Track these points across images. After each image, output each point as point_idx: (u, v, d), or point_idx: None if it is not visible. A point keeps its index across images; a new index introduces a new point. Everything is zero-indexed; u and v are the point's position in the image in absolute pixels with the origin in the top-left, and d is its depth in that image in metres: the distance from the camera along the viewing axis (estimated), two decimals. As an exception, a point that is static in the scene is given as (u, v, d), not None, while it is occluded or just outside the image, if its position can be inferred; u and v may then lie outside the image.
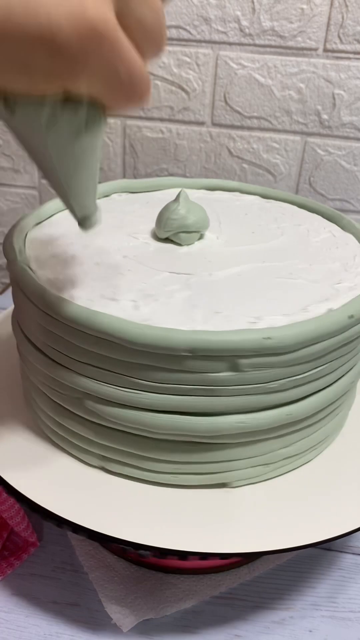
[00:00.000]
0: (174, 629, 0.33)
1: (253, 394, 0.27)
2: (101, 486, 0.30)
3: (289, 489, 0.31)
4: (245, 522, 0.28)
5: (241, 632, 0.33)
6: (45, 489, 0.29)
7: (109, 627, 0.32)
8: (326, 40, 0.57)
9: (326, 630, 0.33)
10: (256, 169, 0.65)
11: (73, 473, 0.31)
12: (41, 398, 0.32)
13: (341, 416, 0.35)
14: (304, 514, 0.29)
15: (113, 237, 0.36)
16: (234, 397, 0.27)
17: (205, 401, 0.27)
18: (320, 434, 0.32)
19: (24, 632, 0.32)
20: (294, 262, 0.34)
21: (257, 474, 0.31)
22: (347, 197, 0.64)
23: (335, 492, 0.31)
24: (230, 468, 0.30)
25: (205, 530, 0.28)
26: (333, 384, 0.30)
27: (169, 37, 0.60)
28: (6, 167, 0.71)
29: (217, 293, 0.30)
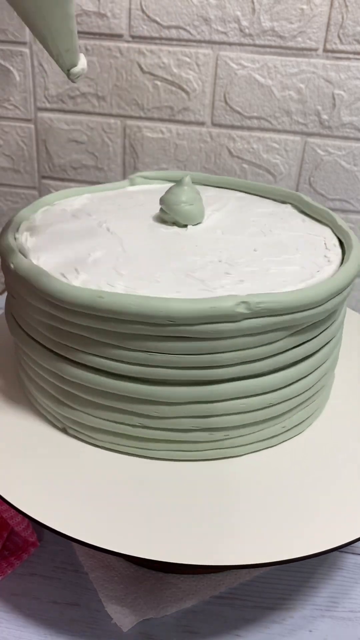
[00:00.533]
0: (174, 629, 0.33)
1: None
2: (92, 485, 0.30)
3: (289, 488, 0.31)
4: (244, 532, 0.28)
5: (241, 632, 0.33)
6: (30, 492, 0.30)
7: (109, 627, 0.32)
8: (326, 40, 0.57)
9: (326, 630, 0.33)
10: (256, 169, 0.65)
11: (64, 471, 0.31)
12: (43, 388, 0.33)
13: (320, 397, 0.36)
14: (305, 521, 0.29)
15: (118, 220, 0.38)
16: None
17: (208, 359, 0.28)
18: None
19: (24, 632, 0.32)
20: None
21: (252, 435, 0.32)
22: (347, 197, 0.64)
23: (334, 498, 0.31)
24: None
25: (201, 542, 0.27)
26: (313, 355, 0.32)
27: (169, 37, 0.60)
28: (6, 167, 0.71)
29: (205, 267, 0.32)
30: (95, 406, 0.31)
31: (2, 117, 0.68)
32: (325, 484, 0.31)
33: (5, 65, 0.65)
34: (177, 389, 0.29)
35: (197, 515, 0.28)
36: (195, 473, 0.31)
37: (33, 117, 0.68)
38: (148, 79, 0.63)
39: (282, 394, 0.31)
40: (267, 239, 0.36)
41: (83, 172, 0.70)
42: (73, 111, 0.66)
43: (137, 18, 0.60)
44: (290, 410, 0.32)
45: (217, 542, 0.27)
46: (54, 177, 0.71)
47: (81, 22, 0.61)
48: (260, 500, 0.30)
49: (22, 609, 0.34)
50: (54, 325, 0.30)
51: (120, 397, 0.30)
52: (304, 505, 0.29)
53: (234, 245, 0.35)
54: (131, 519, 0.28)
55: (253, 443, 0.32)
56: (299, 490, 0.30)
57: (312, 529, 0.28)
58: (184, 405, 0.30)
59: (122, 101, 0.64)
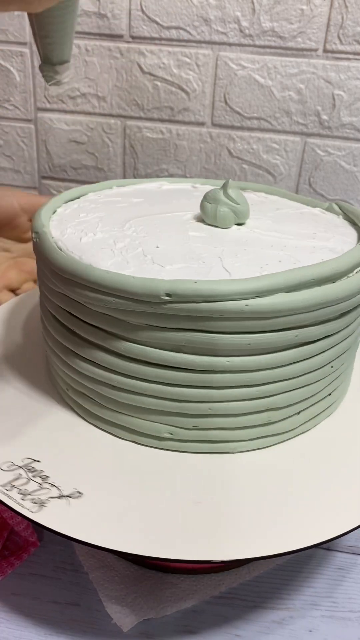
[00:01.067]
0: (174, 628, 0.33)
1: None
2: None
3: (287, 484, 0.31)
4: (241, 526, 0.28)
5: (241, 632, 0.33)
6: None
7: (109, 627, 0.32)
8: (326, 41, 0.57)
9: (326, 630, 0.33)
10: (256, 169, 0.65)
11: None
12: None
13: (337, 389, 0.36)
14: (302, 513, 0.29)
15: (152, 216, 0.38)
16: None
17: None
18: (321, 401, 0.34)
19: (24, 632, 0.32)
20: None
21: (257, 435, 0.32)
22: (347, 197, 0.64)
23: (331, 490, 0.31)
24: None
25: (200, 539, 0.27)
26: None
27: (169, 37, 0.60)
28: (6, 167, 0.71)
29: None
30: (96, 394, 0.32)
31: (2, 117, 0.68)
32: (324, 482, 0.31)
33: (5, 65, 0.66)
34: (179, 374, 0.30)
35: (196, 512, 0.29)
36: (195, 470, 0.31)
37: (33, 117, 0.68)
38: (148, 79, 0.63)
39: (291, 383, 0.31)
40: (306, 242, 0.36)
41: (83, 172, 0.70)
42: (73, 111, 0.66)
43: (137, 18, 0.60)
44: (295, 404, 0.33)
45: (217, 538, 0.27)
46: (54, 177, 0.71)
47: (81, 22, 0.61)
48: (259, 494, 0.30)
49: (22, 609, 0.34)
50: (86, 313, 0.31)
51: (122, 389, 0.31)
52: (304, 500, 0.30)
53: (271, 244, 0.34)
54: (131, 517, 0.28)
55: (259, 438, 0.33)
56: (297, 484, 0.31)
57: (309, 522, 0.28)
58: (187, 388, 0.30)
59: (122, 101, 0.64)
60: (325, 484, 0.31)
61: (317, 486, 0.31)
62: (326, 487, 0.30)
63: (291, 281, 0.28)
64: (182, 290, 0.27)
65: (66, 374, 0.34)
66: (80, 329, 0.31)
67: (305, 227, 0.37)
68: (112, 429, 0.33)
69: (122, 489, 0.30)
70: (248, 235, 0.34)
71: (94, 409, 0.33)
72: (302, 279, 0.28)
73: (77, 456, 0.32)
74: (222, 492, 0.30)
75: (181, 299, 0.27)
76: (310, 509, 0.29)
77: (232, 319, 0.28)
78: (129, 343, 0.30)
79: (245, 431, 0.32)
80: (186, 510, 0.29)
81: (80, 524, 0.28)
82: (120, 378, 0.31)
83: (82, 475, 0.30)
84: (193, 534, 0.27)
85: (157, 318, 0.28)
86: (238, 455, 0.32)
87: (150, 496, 0.29)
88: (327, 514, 0.29)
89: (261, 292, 0.28)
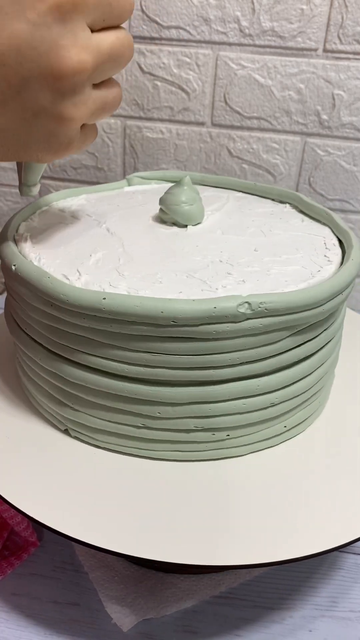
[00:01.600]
0: (174, 628, 0.33)
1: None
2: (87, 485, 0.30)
3: (288, 486, 0.31)
4: (245, 532, 0.28)
5: (241, 632, 0.33)
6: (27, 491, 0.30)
7: (109, 626, 0.32)
8: (326, 40, 0.57)
9: (326, 630, 0.33)
10: (256, 169, 0.65)
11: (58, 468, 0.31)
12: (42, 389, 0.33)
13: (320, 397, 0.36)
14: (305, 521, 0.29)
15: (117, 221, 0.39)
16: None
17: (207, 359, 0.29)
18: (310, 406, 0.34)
19: (24, 632, 0.32)
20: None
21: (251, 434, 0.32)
22: (346, 197, 0.64)
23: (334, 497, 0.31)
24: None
25: (201, 542, 0.27)
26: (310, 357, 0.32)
27: (169, 37, 0.60)
28: (6, 167, 0.71)
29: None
30: (97, 407, 0.31)
31: (2, 117, 0.68)
32: (325, 484, 0.31)
33: (5, 66, 0.65)
34: (178, 390, 0.29)
35: (197, 515, 0.28)
36: (196, 473, 0.31)
37: (33, 117, 0.68)
38: (148, 79, 0.63)
39: (283, 393, 0.31)
40: (267, 239, 0.36)
41: (83, 172, 0.70)
42: (73, 111, 0.66)
43: (137, 18, 0.60)
44: (291, 410, 0.32)
45: (217, 542, 0.27)
46: (54, 177, 0.71)
47: (81, 22, 0.61)
48: (260, 500, 0.30)
49: (22, 609, 0.34)
50: (55, 326, 0.30)
51: (122, 398, 0.30)
52: (305, 505, 0.29)
53: (234, 245, 0.35)
54: (132, 519, 0.28)
55: (254, 443, 0.32)
56: (300, 490, 0.30)
57: (312, 529, 0.28)
58: (186, 405, 0.30)
59: (122, 101, 0.64)
60: (329, 489, 0.31)
61: (320, 491, 0.31)
62: (329, 493, 0.30)
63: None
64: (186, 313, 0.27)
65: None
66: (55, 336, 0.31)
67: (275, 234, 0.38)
68: (111, 438, 0.33)
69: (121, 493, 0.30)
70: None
71: (93, 422, 0.32)
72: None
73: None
74: (221, 498, 0.30)
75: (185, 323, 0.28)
76: (314, 515, 0.29)
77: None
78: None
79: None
80: (186, 515, 0.29)
81: (80, 524, 0.28)
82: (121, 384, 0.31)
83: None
84: (194, 538, 0.27)
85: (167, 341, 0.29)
86: (238, 459, 0.32)
87: (149, 499, 0.29)
88: (332, 521, 0.29)
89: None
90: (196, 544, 0.27)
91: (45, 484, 0.30)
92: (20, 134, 0.26)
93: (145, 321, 0.27)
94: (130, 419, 0.31)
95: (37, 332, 0.32)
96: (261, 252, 0.34)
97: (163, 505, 0.29)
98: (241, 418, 0.30)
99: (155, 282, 0.30)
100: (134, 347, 0.28)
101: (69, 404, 0.32)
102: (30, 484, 0.30)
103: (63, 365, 0.31)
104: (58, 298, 0.28)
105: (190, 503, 0.29)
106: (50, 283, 0.29)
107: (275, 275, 0.31)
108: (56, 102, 0.25)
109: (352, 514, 0.29)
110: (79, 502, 0.29)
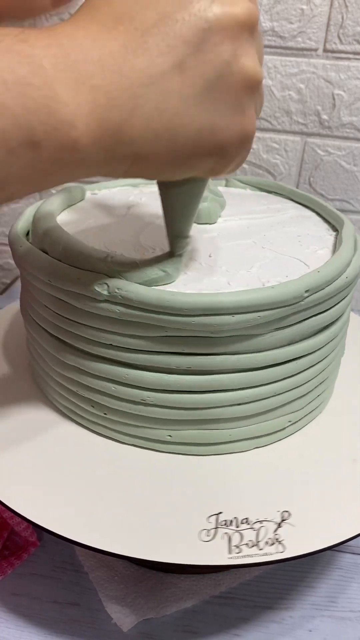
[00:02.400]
0: (174, 628, 0.33)
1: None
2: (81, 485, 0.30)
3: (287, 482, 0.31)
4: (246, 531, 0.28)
5: (241, 631, 0.33)
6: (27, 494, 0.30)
7: (109, 626, 0.32)
8: (326, 40, 0.57)
9: (326, 630, 0.33)
10: (256, 169, 0.65)
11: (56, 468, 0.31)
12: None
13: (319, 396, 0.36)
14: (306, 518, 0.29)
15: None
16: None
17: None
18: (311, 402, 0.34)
19: (24, 632, 0.32)
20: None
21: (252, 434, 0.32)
22: (346, 197, 0.64)
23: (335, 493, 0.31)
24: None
25: (201, 542, 0.27)
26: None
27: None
28: (6, 167, 0.71)
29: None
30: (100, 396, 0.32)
31: (2, 116, 0.68)
32: (327, 481, 0.31)
33: (5, 65, 0.65)
34: (178, 377, 0.30)
35: (197, 513, 0.28)
36: (197, 470, 0.31)
37: (33, 116, 0.68)
38: (148, 78, 0.63)
39: (287, 383, 0.31)
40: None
41: (83, 172, 0.70)
42: (73, 111, 0.66)
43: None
44: (292, 402, 0.33)
45: (217, 541, 0.27)
46: (54, 176, 0.71)
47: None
48: (262, 497, 0.30)
49: (22, 609, 0.34)
50: (62, 314, 0.31)
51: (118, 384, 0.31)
52: (305, 502, 0.29)
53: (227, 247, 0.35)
54: (132, 518, 0.28)
55: (256, 438, 0.32)
56: (301, 486, 0.30)
57: (313, 526, 0.28)
58: (186, 393, 0.30)
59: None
60: (328, 486, 0.31)
61: (320, 488, 0.31)
62: (329, 490, 0.30)
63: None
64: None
65: (55, 374, 0.34)
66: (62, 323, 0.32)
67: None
68: (112, 434, 0.33)
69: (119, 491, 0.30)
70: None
71: (93, 417, 0.33)
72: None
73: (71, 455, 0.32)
74: (223, 495, 0.30)
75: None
76: (314, 513, 0.29)
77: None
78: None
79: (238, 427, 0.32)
80: (185, 514, 0.29)
81: (81, 525, 0.28)
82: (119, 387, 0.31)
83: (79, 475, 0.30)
84: (195, 537, 0.27)
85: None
86: (240, 455, 0.32)
87: (148, 498, 0.29)
88: (331, 518, 0.29)
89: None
90: (196, 544, 0.27)
91: (43, 485, 0.30)
92: None
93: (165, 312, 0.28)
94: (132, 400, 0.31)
95: (46, 321, 0.32)
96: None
97: (162, 504, 0.29)
98: (244, 409, 0.31)
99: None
100: (148, 334, 0.29)
101: (72, 388, 0.32)
102: (27, 484, 0.30)
103: (69, 355, 0.31)
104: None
105: (190, 501, 0.29)
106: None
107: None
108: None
109: (352, 510, 0.29)
110: (76, 503, 0.29)
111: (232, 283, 0.30)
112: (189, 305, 0.27)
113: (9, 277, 0.79)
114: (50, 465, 0.31)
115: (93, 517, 0.28)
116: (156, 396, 0.30)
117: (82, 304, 0.29)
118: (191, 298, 0.27)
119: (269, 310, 0.28)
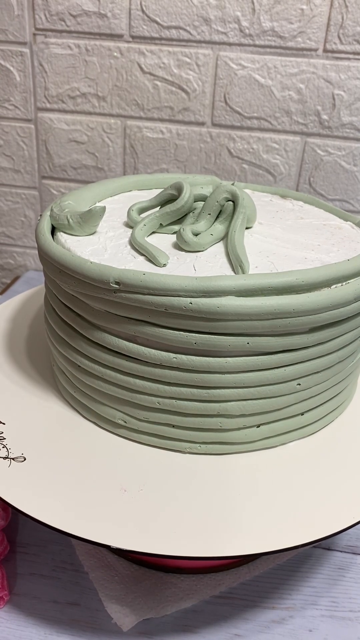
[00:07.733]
0: (174, 628, 0.33)
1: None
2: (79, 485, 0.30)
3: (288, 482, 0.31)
4: (244, 522, 0.28)
5: (241, 631, 0.33)
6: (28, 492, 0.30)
7: (109, 626, 0.32)
8: (326, 40, 0.57)
9: (326, 629, 0.33)
10: (256, 169, 0.65)
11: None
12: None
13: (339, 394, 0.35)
14: (302, 510, 0.29)
15: None
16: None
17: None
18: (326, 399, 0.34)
19: (24, 632, 0.32)
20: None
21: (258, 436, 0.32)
22: (347, 197, 0.64)
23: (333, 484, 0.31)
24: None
25: (202, 534, 0.27)
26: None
27: (169, 37, 0.60)
28: (6, 167, 0.71)
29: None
30: (102, 395, 0.32)
31: (2, 117, 0.68)
32: (327, 480, 0.31)
33: (5, 65, 0.65)
34: (179, 373, 0.30)
35: (198, 509, 0.29)
36: (199, 468, 0.31)
37: (33, 117, 0.68)
38: (148, 79, 0.63)
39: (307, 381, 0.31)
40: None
41: (83, 172, 0.70)
42: (73, 111, 0.66)
43: (137, 18, 0.60)
44: (251, 416, 0.32)
45: (217, 534, 0.27)
46: (54, 177, 0.71)
47: (81, 22, 0.61)
48: (262, 495, 0.30)
49: (22, 609, 0.34)
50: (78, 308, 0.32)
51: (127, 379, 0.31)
52: (304, 499, 0.30)
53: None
54: (132, 515, 0.28)
55: (210, 444, 0.32)
56: (301, 484, 0.30)
57: (308, 519, 0.28)
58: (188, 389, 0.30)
59: (122, 101, 0.64)
60: (328, 485, 0.31)
61: (320, 485, 0.31)
62: (333, 487, 0.31)
63: (242, 286, 0.27)
64: (129, 280, 0.28)
65: (58, 357, 0.35)
66: (64, 313, 0.33)
67: (314, 238, 0.36)
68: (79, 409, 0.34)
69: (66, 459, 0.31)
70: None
71: (79, 395, 0.34)
72: (254, 285, 0.28)
73: (40, 427, 0.33)
74: (224, 492, 0.30)
75: (129, 289, 0.28)
76: (310, 506, 0.29)
77: (177, 316, 0.28)
78: (92, 327, 0.31)
79: (195, 433, 0.31)
80: (186, 510, 0.29)
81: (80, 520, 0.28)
82: (84, 361, 0.32)
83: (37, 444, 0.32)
84: (190, 532, 0.27)
85: (111, 305, 0.29)
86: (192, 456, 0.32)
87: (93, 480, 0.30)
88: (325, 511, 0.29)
89: (208, 292, 0.27)
90: (196, 538, 0.27)
91: (41, 481, 0.30)
92: None
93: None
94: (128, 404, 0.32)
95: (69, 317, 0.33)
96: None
97: (163, 500, 0.29)
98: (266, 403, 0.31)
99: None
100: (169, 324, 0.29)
101: (80, 377, 0.33)
102: (25, 479, 0.30)
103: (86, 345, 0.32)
104: (79, 272, 0.30)
105: (190, 498, 0.29)
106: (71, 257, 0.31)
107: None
108: None
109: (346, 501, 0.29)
110: (74, 497, 0.29)
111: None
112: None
113: (9, 277, 0.80)
114: (51, 464, 0.31)
115: (89, 511, 0.28)
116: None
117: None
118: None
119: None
